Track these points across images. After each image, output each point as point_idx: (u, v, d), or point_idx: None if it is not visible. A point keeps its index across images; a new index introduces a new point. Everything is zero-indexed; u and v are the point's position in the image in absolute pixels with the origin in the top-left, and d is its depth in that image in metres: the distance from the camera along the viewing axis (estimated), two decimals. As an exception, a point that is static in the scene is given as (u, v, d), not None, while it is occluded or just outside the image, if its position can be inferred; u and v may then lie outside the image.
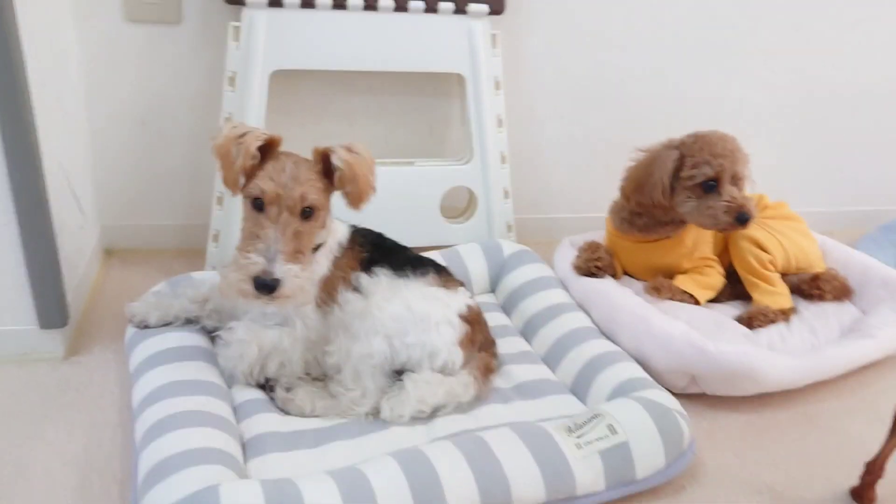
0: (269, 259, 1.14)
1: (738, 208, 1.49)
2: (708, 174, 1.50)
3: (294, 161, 1.21)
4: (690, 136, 1.55)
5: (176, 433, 1.10)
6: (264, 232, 1.17)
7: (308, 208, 1.20)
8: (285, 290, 1.15)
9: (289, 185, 1.18)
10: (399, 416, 1.24)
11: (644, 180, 1.54)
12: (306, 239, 1.21)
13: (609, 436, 1.17)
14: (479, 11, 1.70)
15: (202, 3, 1.66)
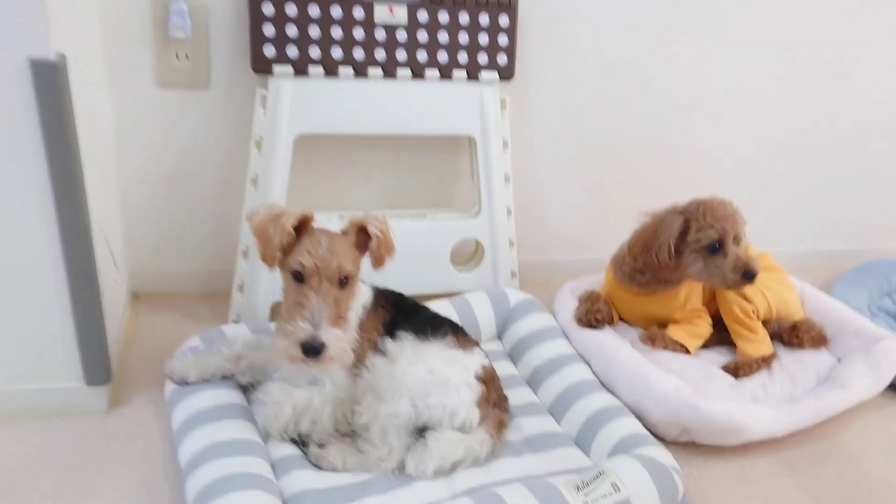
0: (315, 325, 1.26)
1: (743, 266, 1.62)
2: (713, 237, 1.62)
3: (328, 236, 1.33)
4: (693, 202, 1.68)
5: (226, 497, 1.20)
6: (308, 301, 1.27)
7: (344, 277, 1.32)
8: (330, 352, 1.27)
9: (326, 258, 1.29)
10: (423, 471, 1.34)
11: (650, 243, 1.66)
12: (344, 305, 1.33)
13: (613, 493, 1.29)
14: (490, 78, 1.81)
15: (230, 70, 1.75)
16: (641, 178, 2.16)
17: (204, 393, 1.45)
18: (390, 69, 1.74)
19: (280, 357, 1.29)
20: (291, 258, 1.31)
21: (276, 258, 1.32)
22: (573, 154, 2.10)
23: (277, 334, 1.31)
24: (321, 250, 1.29)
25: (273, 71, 1.67)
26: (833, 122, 2.29)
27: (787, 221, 2.42)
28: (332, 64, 1.70)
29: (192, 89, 1.75)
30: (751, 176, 2.29)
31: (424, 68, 1.76)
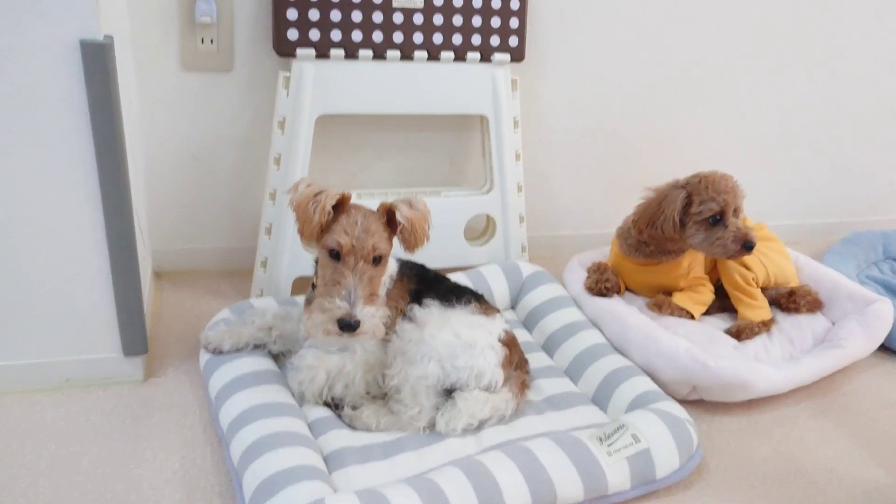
0: (351, 303, 1.32)
1: (743, 237, 1.70)
2: (714, 209, 1.71)
3: (363, 214, 1.38)
4: (695, 176, 1.76)
5: (273, 453, 1.26)
6: (345, 279, 1.34)
7: (378, 256, 1.38)
8: (364, 328, 1.33)
9: (362, 237, 1.35)
10: (453, 429, 1.42)
11: (656, 216, 1.75)
12: (377, 282, 1.39)
13: (634, 444, 1.38)
14: (502, 60, 1.89)
15: (253, 53, 1.81)
16: (645, 156, 2.25)
17: (239, 361, 1.52)
18: (407, 51, 1.80)
19: (316, 330, 1.35)
20: (329, 236, 1.36)
21: (314, 236, 1.38)
22: (580, 133, 2.18)
23: (314, 308, 1.36)
24: (357, 230, 1.35)
25: (296, 54, 1.73)
26: (821, 106, 2.40)
27: (780, 197, 2.52)
28: (352, 47, 1.76)
29: (217, 72, 1.81)
30: (746, 154, 2.39)
31: (440, 50, 1.83)
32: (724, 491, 1.41)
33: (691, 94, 2.23)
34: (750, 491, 1.41)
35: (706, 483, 1.43)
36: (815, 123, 2.42)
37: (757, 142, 2.39)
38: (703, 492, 1.41)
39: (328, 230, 1.37)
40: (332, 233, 1.36)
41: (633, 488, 1.36)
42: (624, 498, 1.36)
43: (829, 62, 2.33)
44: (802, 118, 2.40)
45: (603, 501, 1.35)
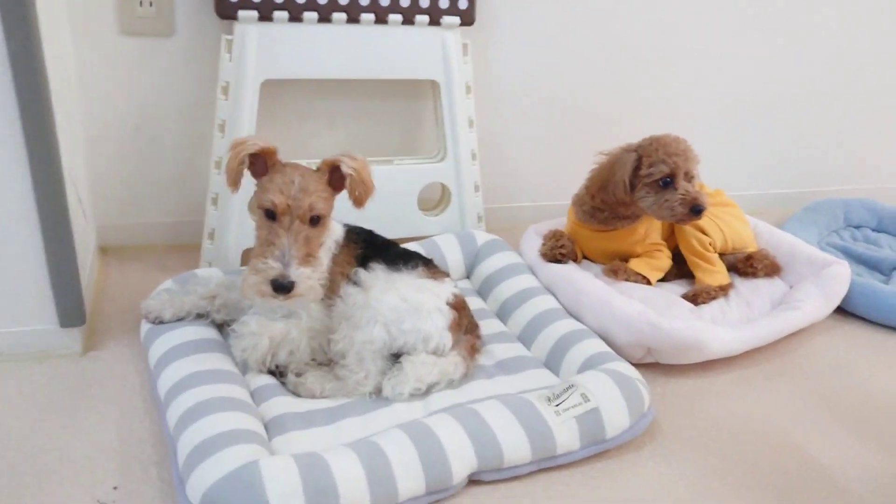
0: (285, 264, 1.29)
1: (692, 201, 1.68)
2: (664, 171, 1.68)
3: (301, 173, 1.35)
4: (647, 139, 1.74)
5: (209, 418, 1.23)
6: (279, 240, 1.31)
7: (316, 216, 1.34)
8: (299, 289, 1.30)
9: (298, 197, 1.32)
10: (399, 393, 1.39)
11: (607, 180, 1.72)
12: (315, 242, 1.36)
13: (583, 403, 1.36)
14: (452, 23, 1.85)
15: (194, 17, 1.76)
16: (603, 125, 2.23)
17: (180, 330, 1.48)
18: (354, 14, 1.76)
19: (250, 292, 1.32)
20: (264, 196, 1.33)
21: (237, 182, 1.35)
22: (536, 100, 2.15)
23: (249, 270, 1.34)
24: (293, 189, 1.32)
25: (237, 16, 1.69)
26: (783, 76, 2.39)
27: (742, 167, 2.51)
28: (296, 8, 1.72)
29: (157, 37, 1.76)
30: (707, 123, 2.38)
31: (387, 13, 1.79)
32: (677, 451, 1.39)
33: (650, 61, 2.21)
34: (703, 450, 1.40)
35: (659, 444, 1.42)
36: (776, 93, 2.41)
37: (718, 111, 2.37)
38: (656, 451, 1.39)
39: (264, 189, 1.34)
40: (267, 192, 1.33)
41: (582, 448, 1.34)
42: (573, 458, 1.34)
43: (789, 31, 2.32)
44: (763, 88, 2.39)
45: (551, 461, 1.32)
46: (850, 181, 2.67)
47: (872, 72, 2.49)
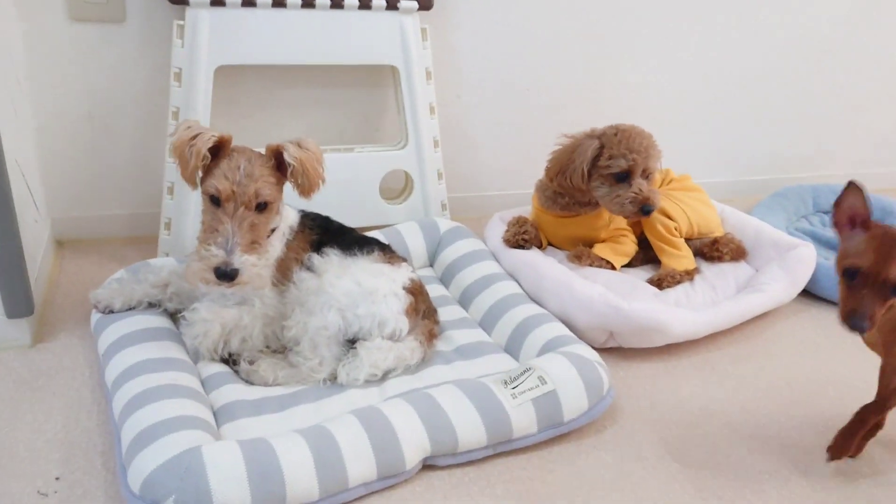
0: (228, 251, 1.26)
1: (643, 200, 1.67)
2: (622, 166, 1.66)
3: (247, 158, 1.31)
4: (612, 128, 1.71)
5: (154, 405, 1.20)
6: (223, 226, 1.28)
7: (262, 203, 1.31)
8: (243, 277, 1.28)
9: (243, 183, 1.28)
10: (354, 379, 1.37)
11: (566, 165, 1.70)
12: (261, 229, 1.33)
13: (540, 386, 1.33)
14: (410, 7, 1.83)
15: (146, 2, 1.73)
16: (567, 111, 2.21)
17: (130, 318, 1.45)
18: (309, -2, 1.74)
19: (194, 279, 1.29)
20: (209, 181, 1.30)
21: (194, 180, 1.32)
22: (499, 86, 2.13)
23: (193, 257, 1.31)
24: (238, 175, 1.28)
25: (189, 1, 1.66)
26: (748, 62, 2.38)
27: (709, 154, 2.50)
28: (249, -8, 1.69)
29: (108, 23, 1.72)
30: (672, 110, 2.37)
31: (343, -3, 1.77)
32: (637, 434, 1.38)
33: (614, 46, 2.19)
34: (665, 432, 1.38)
35: (619, 427, 1.40)
36: (742, 79, 2.40)
37: (683, 97, 2.36)
38: (616, 435, 1.37)
39: (210, 174, 1.31)
40: (212, 177, 1.30)
41: (539, 431, 1.32)
42: (531, 441, 1.32)
43: (754, 15, 2.31)
44: (729, 74, 2.38)
45: (508, 445, 1.30)
46: (821, 168, 2.66)
47: (839, 58, 2.49)
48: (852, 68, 2.53)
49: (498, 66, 2.10)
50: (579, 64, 2.17)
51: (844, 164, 2.70)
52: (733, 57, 2.35)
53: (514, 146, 2.22)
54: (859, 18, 2.45)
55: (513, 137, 2.21)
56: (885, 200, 2.31)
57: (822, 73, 2.50)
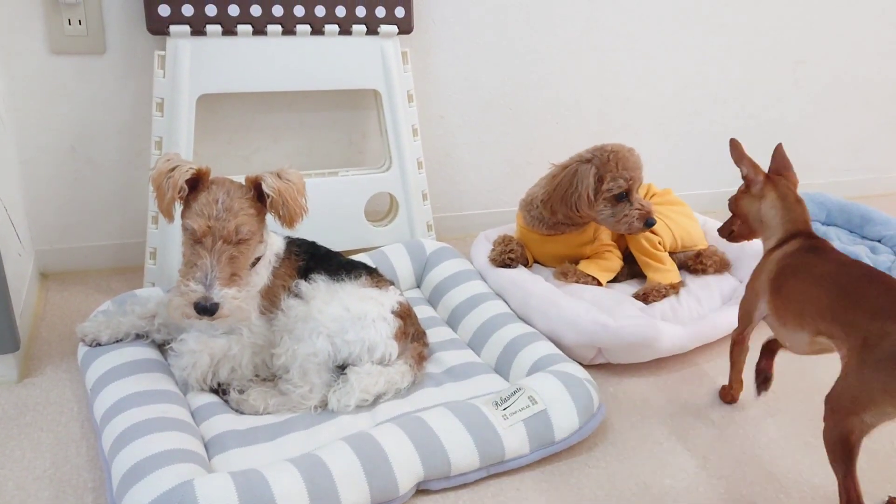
0: (207, 286, 1.26)
1: (646, 214, 1.72)
2: (623, 187, 1.70)
3: (226, 190, 1.30)
4: (598, 149, 1.73)
5: (144, 439, 1.19)
6: (202, 261, 1.27)
7: (242, 237, 1.30)
8: (224, 311, 1.27)
9: (221, 217, 1.28)
10: (345, 405, 1.37)
11: (569, 195, 1.71)
12: (241, 261, 1.31)
13: (530, 406, 1.34)
14: (390, 32, 1.84)
15: (126, 33, 1.73)
16: (548, 128, 2.23)
17: (117, 351, 1.44)
18: (289, 25, 1.75)
19: (175, 314, 1.29)
20: (187, 216, 1.30)
21: (171, 213, 1.31)
22: (481, 107, 2.15)
23: (174, 291, 1.31)
24: (216, 209, 1.28)
25: (169, 31, 1.66)
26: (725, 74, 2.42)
27: (689, 166, 2.52)
28: (229, 21, 1.70)
29: (89, 55, 1.72)
30: (651, 123, 2.39)
31: (323, 23, 1.77)
32: (629, 450, 1.38)
33: (593, 63, 2.22)
34: (655, 447, 1.39)
35: (610, 443, 1.40)
36: (721, 92, 2.44)
37: (663, 111, 2.39)
38: (607, 451, 1.38)
39: (188, 208, 1.31)
40: (190, 212, 1.30)
41: (531, 451, 1.32)
42: (524, 462, 1.32)
43: (730, 30, 2.35)
44: (707, 87, 2.41)
45: (501, 467, 1.30)
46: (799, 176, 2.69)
47: (814, 69, 2.53)
48: (827, 78, 2.57)
49: (479, 86, 2.12)
50: (559, 82, 2.20)
51: (823, 173, 2.74)
52: (711, 71, 2.39)
53: (498, 165, 2.24)
54: (831, 30, 2.49)
55: (496, 156, 2.23)
56: (863, 208, 2.35)
57: (797, 84, 2.54)
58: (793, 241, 1.34)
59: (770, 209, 1.39)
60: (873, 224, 2.30)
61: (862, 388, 1.08)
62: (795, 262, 1.29)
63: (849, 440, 1.09)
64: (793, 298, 1.26)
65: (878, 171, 2.83)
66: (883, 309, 1.09)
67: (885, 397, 1.05)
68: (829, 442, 1.13)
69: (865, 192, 2.81)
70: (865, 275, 1.18)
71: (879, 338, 1.06)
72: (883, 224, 2.28)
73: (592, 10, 2.16)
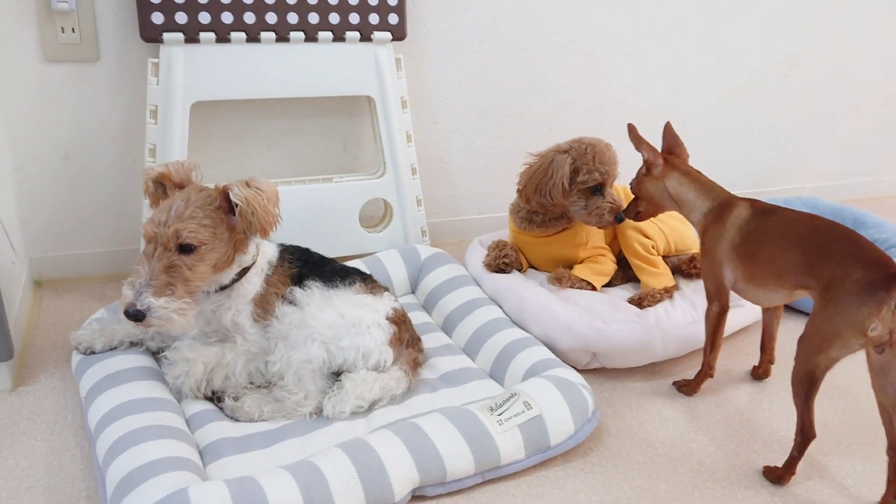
0: (137, 292, 1.25)
1: (617, 209, 1.72)
2: (598, 180, 1.70)
3: (186, 198, 1.30)
4: (577, 141, 1.74)
5: (138, 447, 1.19)
6: (139, 267, 1.27)
7: (185, 244, 1.28)
8: (151, 320, 1.26)
9: (167, 223, 1.27)
10: (340, 412, 1.37)
11: (542, 183, 1.72)
12: (184, 271, 1.29)
13: (525, 411, 1.34)
14: (383, 38, 1.85)
15: (119, 41, 1.73)
16: (542, 132, 2.24)
17: (112, 359, 1.44)
18: (283, 33, 1.75)
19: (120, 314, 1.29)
20: None
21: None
22: (474, 112, 2.16)
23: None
24: (168, 215, 1.28)
25: (163, 39, 1.67)
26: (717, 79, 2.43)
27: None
28: (223, 29, 1.70)
29: (82, 63, 1.73)
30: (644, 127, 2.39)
31: (317, 30, 1.78)
32: (624, 454, 1.38)
33: (587, 68, 2.23)
34: (650, 451, 1.39)
35: (606, 448, 1.40)
36: (714, 97, 2.45)
37: (656, 116, 2.39)
38: (602, 456, 1.38)
39: None
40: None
41: (527, 457, 1.32)
42: (519, 467, 1.32)
43: (723, 35, 2.37)
44: (701, 92, 2.42)
45: (497, 472, 1.30)
46: (792, 181, 2.71)
47: (805, 74, 2.55)
48: (818, 83, 2.59)
49: (472, 92, 2.13)
50: (553, 87, 2.21)
51: (815, 177, 2.76)
52: (704, 76, 2.40)
53: (491, 170, 2.24)
54: (823, 36, 2.51)
55: (489, 161, 2.24)
56: (856, 211, 2.36)
57: (789, 89, 2.55)
58: (735, 208, 1.42)
59: (679, 186, 1.51)
60: (866, 227, 2.30)
61: (828, 324, 1.20)
62: (761, 228, 1.37)
63: (814, 374, 1.23)
64: (773, 263, 1.35)
65: (871, 175, 2.85)
66: (846, 257, 1.22)
67: (848, 329, 1.17)
68: (796, 377, 1.26)
69: (858, 196, 2.83)
70: (834, 230, 1.29)
71: (841, 279, 1.19)
72: (876, 227, 2.28)
73: (585, 17, 2.17)
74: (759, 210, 1.40)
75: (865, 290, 1.15)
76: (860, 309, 1.15)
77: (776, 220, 1.36)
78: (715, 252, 1.44)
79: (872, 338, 1.16)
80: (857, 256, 1.20)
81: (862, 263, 1.19)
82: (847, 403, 1.55)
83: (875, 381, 1.24)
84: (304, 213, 1.38)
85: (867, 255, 1.20)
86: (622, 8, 2.21)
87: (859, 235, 1.26)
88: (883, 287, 1.14)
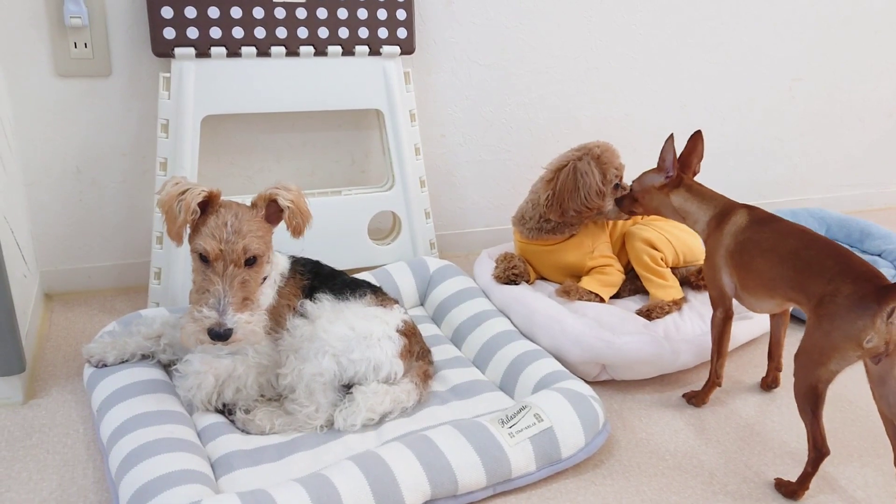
0: (221, 312, 1.26)
1: None
2: (619, 175, 1.78)
3: (235, 213, 1.31)
4: (585, 147, 1.77)
5: (151, 460, 1.19)
6: (214, 287, 1.27)
7: (252, 258, 1.31)
8: (237, 336, 1.27)
9: (231, 240, 1.28)
10: (352, 425, 1.37)
11: (575, 191, 1.74)
12: (252, 285, 1.32)
13: (536, 423, 1.34)
14: (392, 52, 1.87)
15: (131, 56, 1.75)
16: (548, 145, 2.25)
17: (123, 372, 1.44)
18: (293, 47, 1.77)
19: (190, 340, 1.29)
20: (197, 240, 1.30)
21: (181, 237, 1.31)
22: (482, 125, 2.17)
23: (187, 317, 1.30)
24: (226, 232, 1.28)
25: (174, 54, 1.68)
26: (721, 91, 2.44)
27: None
28: (234, 44, 1.72)
29: (94, 78, 1.74)
30: (650, 139, 2.41)
31: (326, 45, 1.80)
32: (635, 466, 1.38)
33: (593, 81, 2.25)
34: (661, 464, 1.39)
35: (616, 460, 1.40)
36: (719, 109, 2.46)
37: (662, 128, 2.41)
38: (613, 468, 1.38)
39: (197, 232, 1.31)
40: (200, 236, 1.30)
41: (538, 469, 1.32)
42: (530, 480, 1.32)
43: (728, 47, 2.38)
44: (706, 104, 2.43)
45: (508, 485, 1.30)
46: (798, 192, 2.72)
47: (811, 86, 2.56)
48: (823, 96, 2.60)
49: (480, 105, 2.14)
50: (559, 101, 2.22)
51: (820, 188, 2.76)
52: (709, 89, 2.41)
53: (499, 182, 2.25)
54: (828, 49, 2.52)
55: (497, 174, 2.25)
56: (863, 222, 2.36)
57: (795, 102, 2.56)
58: (734, 215, 1.46)
59: (684, 202, 1.54)
60: (873, 238, 2.31)
61: (826, 338, 1.22)
62: (754, 238, 1.40)
63: (817, 389, 1.24)
64: (763, 275, 1.37)
65: (877, 186, 2.85)
66: (837, 273, 1.24)
67: (846, 343, 1.19)
68: (799, 393, 1.27)
69: (864, 207, 2.83)
70: (823, 247, 1.31)
71: (833, 295, 1.22)
72: (882, 238, 2.29)
73: (591, 32, 2.18)
74: (756, 219, 1.43)
75: (858, 304, 1.19)
76: (855, 322, 1.18)
77: (769, 233, 1.39)
78: (714, 258, 1.47)
79: (869, 349, 1.19)
80: (846, 272, 1.23)
81: (852, 279, 1.21)
82: (856, 414, 1.56)
83: (875, 392, 1.26)
84: (315, 226, 1.39)
85: (856, 270, 1.23)
86: (628, 22, 2.22)
87: (848, 251, 1.29)
88: (874, 300, 1.17)
